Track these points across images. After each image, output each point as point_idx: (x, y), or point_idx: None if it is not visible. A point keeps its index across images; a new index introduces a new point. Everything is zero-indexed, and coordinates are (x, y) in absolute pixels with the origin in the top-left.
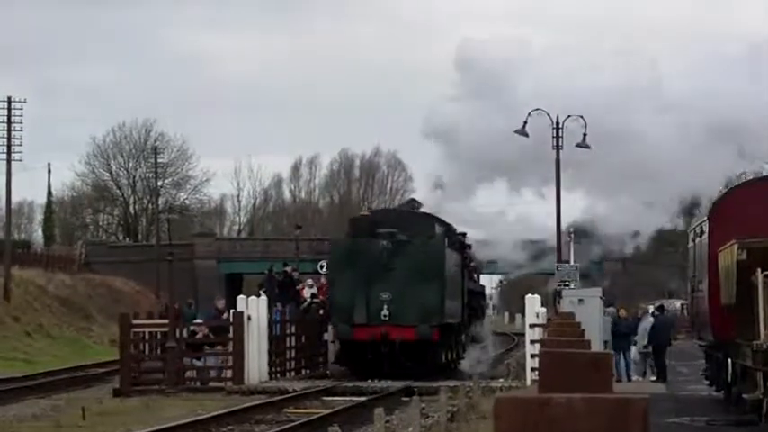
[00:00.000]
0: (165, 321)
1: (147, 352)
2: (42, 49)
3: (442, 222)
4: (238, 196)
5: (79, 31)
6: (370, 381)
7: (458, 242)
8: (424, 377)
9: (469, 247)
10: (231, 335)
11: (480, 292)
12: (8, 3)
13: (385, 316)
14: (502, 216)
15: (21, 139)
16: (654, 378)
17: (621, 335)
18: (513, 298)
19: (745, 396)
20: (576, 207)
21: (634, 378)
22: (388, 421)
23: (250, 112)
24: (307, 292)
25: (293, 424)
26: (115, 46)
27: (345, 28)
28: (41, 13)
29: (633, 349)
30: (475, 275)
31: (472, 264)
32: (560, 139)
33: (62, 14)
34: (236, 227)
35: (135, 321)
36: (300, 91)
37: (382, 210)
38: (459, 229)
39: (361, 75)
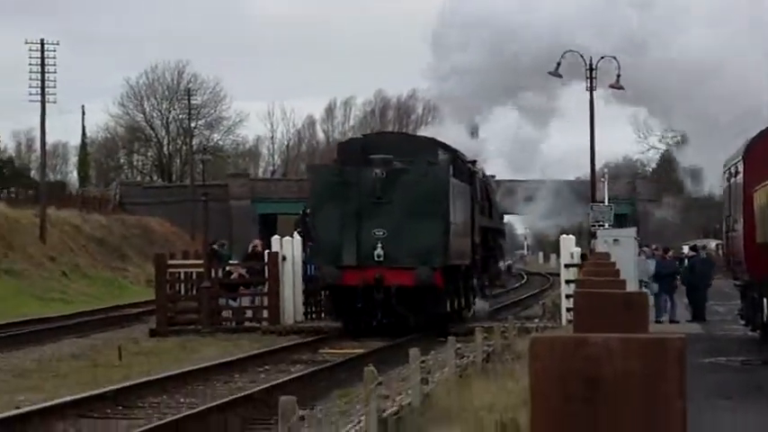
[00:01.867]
0: (201, 262)
1: (182, 292)
2: None
3: (447, 147)
4: (272, 138)
5: None
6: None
7: (467, 171)
8: (424, 329)
9: (485, 177)
10: (266, 275)
11: (498, 230)
12: None
13: (379, 257)
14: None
15: (54, 81)
16: (690, 318)
17: (665, 275)
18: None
19: None
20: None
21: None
22: (423, 362)
23: (283, 55)
24: None
25: (329, 364)
26: None
27: None
28: None
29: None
30: (491, 209)
31: (488, 196)
32: (594, 81)
33: None
34: (271, 167)
35: (170, 262)
36: (334, 33)
37: (376, 133)
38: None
39: (398, 17)
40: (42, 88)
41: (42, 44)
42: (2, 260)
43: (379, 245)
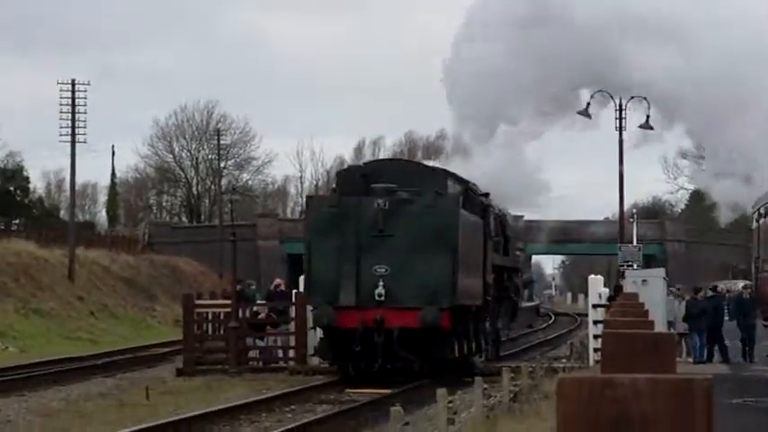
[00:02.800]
0: (228, 302)
1: (209, 332)
2: (104, 33)
3: (457, 178)
4: (301, 177)
5: (140, 14)
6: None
7: (480, 204)
8: (430, 376)
9: (500, 212)
10: (293, 315)
11: (514, 269)
12: None
13: (380, 296)
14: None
15: (85, 121)
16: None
17: (695, 315)
18: (574, 278)
19: None
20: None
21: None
22: (450, 401)
23: (312, 94)
24: None
25: (356, 404)
26: (175, 28)
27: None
28: None
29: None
30: (507, 246)
31: (503, 232)
32: (624, 120)
33: None
34: (299, 207)
35: (198, 301)
36: (364, 72)
37: (379, 160)
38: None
39: (426, 58)
40: (73, 128)
41: (73, 84)
42: (30, 300)
43: (381, 283)
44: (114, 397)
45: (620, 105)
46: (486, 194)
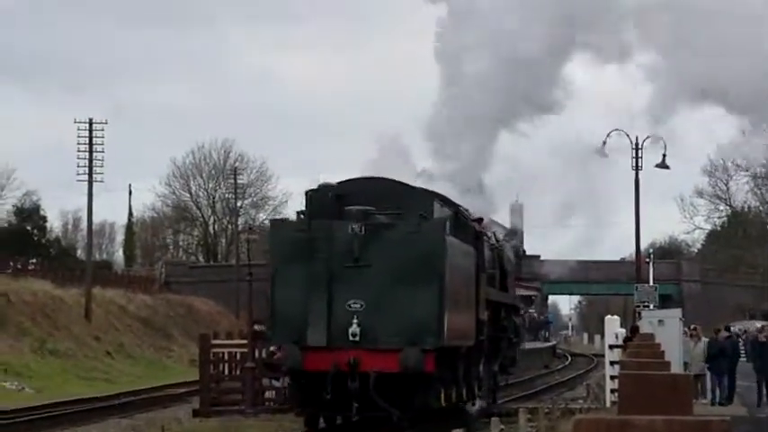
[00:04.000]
0: (244, 341)
1: (226, 372)
2: (119, 71)
3: (445, 200)
4: None
5: (154, 52)
6: None
7: (472, 232)
8: (412, 429)
9: (498, 241)
10: None
11: (513, 306)
12: (89, 25)
13: (354, 335)
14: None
15: (102, 160)
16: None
17: (715, 356)
18: (591, 319)
19: None
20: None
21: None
22: None
23: (326, 132)
24: None
25: None
26: (190, 66)
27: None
28: (120, 35)
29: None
30: (505, 280)
31: (501, 264)
32: (640, 159)
33: (137, 37)
34: None
35: (214, 341)
36: (378, 111)
37: (355, 179)
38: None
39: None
40: (90, 168)
41: (90, 123)
42: (47, 339)
43: (355, 320)
44: None
45: (637, 144)
46: (480, 219)
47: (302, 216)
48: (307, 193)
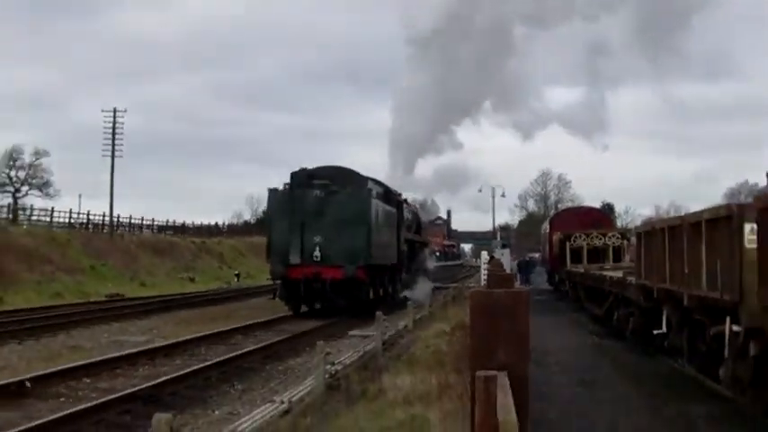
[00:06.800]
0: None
1: None
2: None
3: (379, 183)
4: None
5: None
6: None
7: (395, 201)
8: (353, 311)
9: (415, 208)
10: None
11: (423, 243)
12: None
13: (316, 257)
14: None
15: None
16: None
17: (520, 266)
18: (477, 252)
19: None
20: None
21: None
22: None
23: None
24: None
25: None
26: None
27: None
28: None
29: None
30: (419, 229)
31: (418, 220)
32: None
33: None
34: None
35: None
36: None
37: (322, 166)
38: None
39: None
40: (113, 153)
41: (115, 113)
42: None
43: (318, 248)
44: None
45: None
46: (399, 194)
47: (286, 186)
48: (291, 173)
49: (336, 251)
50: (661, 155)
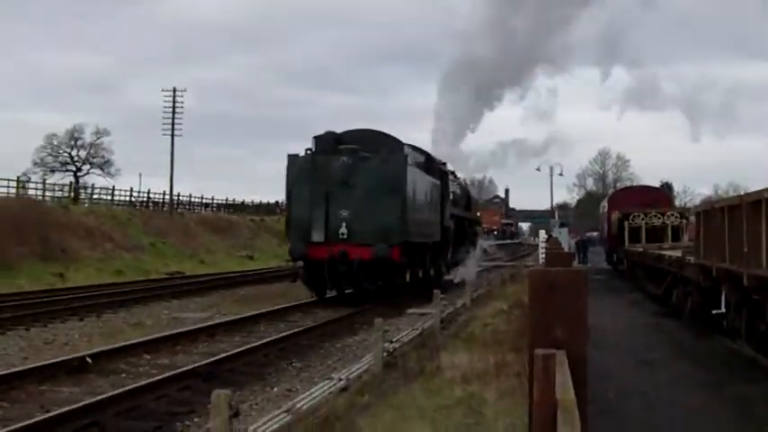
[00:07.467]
0: None
1: None
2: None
3: (416, 148)
4: None
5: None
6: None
7: (438, 170)
8: (384, 297)
9: (466, 181)
10: None
11: (475, 220)
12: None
13: (343, 234)
14: None
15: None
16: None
17: (577, 245)
18: (534, 231)
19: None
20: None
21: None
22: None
23: None
24: None
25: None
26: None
27: None
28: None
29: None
30: (469, 204)
31: (468, 194)
32: None
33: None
34: None
35: None
36: None
37: (352, 129)
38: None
39: None
40: (172, 129)
41: (174, 92)
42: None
43: (344, 224)
44: None
45: None
46: (444, 163)
47: (309, 152)
48: (315, 137)
49: (366, 227)
50: (720, 134)
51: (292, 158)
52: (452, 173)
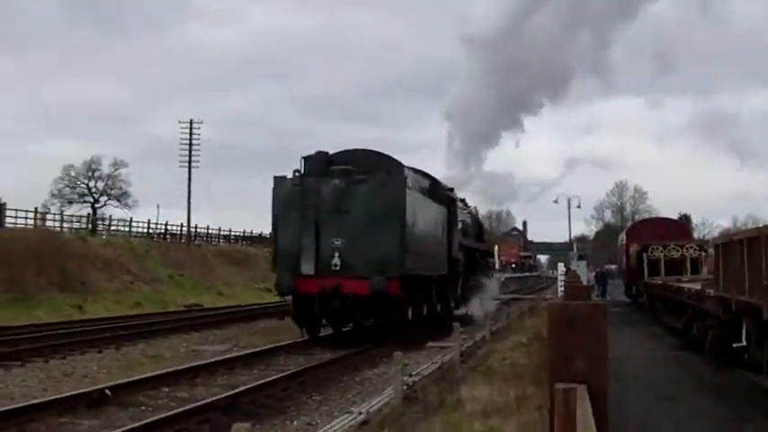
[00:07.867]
0: None
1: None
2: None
3: (418, 171)
4: None
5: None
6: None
7: (444, 196)
8: (382, 337)
9: (476, 209)
10: None
11: (487, 251)
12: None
13: (335, 266)
14: None
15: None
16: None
17: (596, 278)
18: (553, 263)
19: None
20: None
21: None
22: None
23: None
24: None
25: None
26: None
27: None
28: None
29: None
30: (481, 234)
31: (479, 223)
32: None
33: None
34: None
35: None
36: None
37: (346, 150)
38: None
39: None
40: (189, 163)
41: (191, 124)
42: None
43: (337, 254)
44: None
45: None
46: (451, 189)
47: (297, 174)
48: (302, 157)
49: (361, 258)
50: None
51: (279, 181)
52: (462, 200)
